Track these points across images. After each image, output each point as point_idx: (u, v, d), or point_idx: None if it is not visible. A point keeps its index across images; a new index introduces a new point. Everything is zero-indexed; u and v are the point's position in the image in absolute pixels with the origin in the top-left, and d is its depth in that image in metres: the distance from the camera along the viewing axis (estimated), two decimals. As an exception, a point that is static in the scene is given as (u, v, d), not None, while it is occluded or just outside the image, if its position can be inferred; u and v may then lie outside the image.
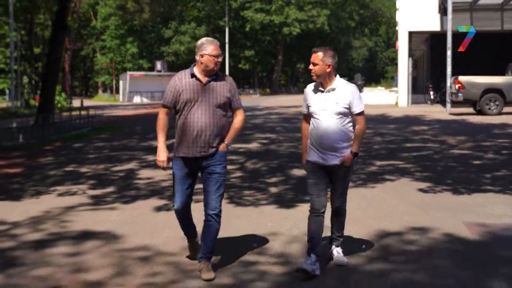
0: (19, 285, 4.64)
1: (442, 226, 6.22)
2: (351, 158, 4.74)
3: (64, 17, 20.91)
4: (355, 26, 76.76)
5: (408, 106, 31.00)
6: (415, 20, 30.79)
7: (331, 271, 4.87)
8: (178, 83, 4.73)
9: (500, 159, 11.33)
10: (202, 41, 4.77)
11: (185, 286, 4.54)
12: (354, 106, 4.74)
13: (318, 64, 4.69)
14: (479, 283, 4.54)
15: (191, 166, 4.76)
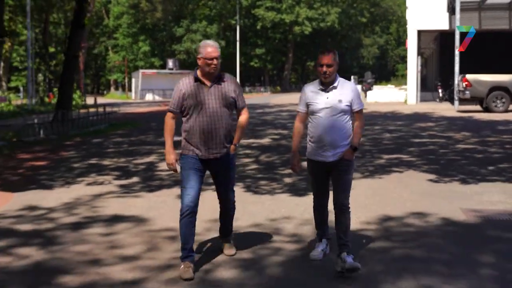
0: (63, 259, 5.27)
1: (440, 211, 6.80)
2: (351, 152, 4.85)
3: (81, 16, 21.61)
4: (366, 24, 77.05)
5: (417, 104, 31.52)
6: (424, 19, 31.28)
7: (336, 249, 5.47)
8: (183, 88, 4.76)
9: (502, 153, 11.87)
10: (201, 43, 4.84)
11: (210, 260, 5.15)
12: (356, 103, 4.85)
13: (332, 65, 4.76)
14: (469, 256, 5.13)
15: (201, 164, 4.81)
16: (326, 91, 4.82)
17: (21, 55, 62.14)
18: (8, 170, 11.20)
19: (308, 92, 4.92)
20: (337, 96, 4.79)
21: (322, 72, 4.76)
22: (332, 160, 4.82)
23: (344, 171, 4.86)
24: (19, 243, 5.76)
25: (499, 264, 4.92)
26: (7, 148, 14.78)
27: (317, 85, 4.89)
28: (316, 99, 4.84)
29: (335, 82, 4.83)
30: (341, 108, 4.78)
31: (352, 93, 4.85)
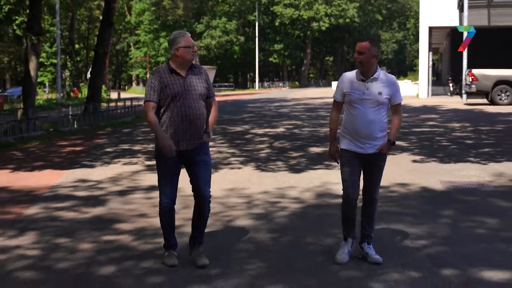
0: (117, 213, 6.77)
1: (421, 182, 8.20)
2: (388, 146, 4.77)
3: (110, 16, 23.22)
4: (383, 20, 77.76)
5: (428, 98, 32.59)
6: (436, 16, 32.28)
7: (328, 207, 6.89)
8: (159, 80, 4.67)
9: (489, 140, 13.17)
10: (175, 35, 4.76)
11: (230, 212, 6.61)
12: (396, 96, 4.74)
13: (364, 53, 4.62)
14: (434, 212, 6.53)
15: (177, 158, 4.72)
16: (366, 82, 4.68)
17: (46, 52, 64.17)
18: (51, 154, 12.80)
19: (346, 81, 4.76)
20: (377, 88, 4.66)
21: (356, 61, 4.69)
22: (371, 152, 4.72)
23: (380, 166, 4.82)
24: (79, 204, 7.28)
25: (455, 216, 6.32)
26: (46, 137, 16.44)
27: (357, 75, 4.74)
28: (354, 89, 4.70)
29: (376, 74, 4.69)
30: (381, 101, 4.66)
31: (392, 86, 4.73)
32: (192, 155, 4.74)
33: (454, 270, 4.57)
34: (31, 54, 18.68)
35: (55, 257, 5.06)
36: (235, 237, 5.62)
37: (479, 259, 4.83)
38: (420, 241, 5.40)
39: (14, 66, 65.79)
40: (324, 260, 4.89)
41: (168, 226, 4.86)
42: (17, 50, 56.49)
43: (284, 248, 5.25)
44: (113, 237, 5.67)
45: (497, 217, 6.22)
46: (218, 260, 4.83)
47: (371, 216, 4.91)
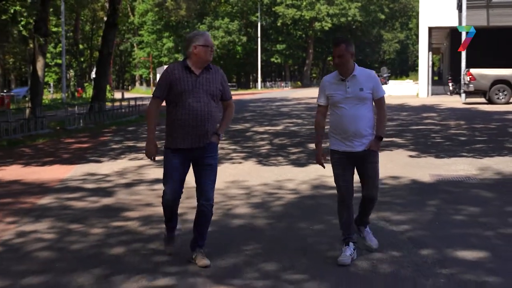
0: (124, 203, 7.24)
1: (411, 175, 8.65)
2: (377, 142, 4.78)
3: (114, 17, 23.72)
4: (386, 19, 77.99)
5: (428, 97, 32.92)
6: (436, 16, 32.62)
7: (323, 198, 7.34)
8: (170, 76, 4.65)
9: (482, 137, 13.60)
10: (194, 33, 4.79)
11: (228, 201, 7.07)
12: (377, 90, 4.78)
13: (343, 55, 4.67)
14: (420, 201, 6.98)
15: (184, 156, 4.70)
16: (346, 81, 4.73)
17: (50, 52, 64.74)
18: (60, 150, 13.29)
19: (327, 84, 4.83)
20: (358, 85, 4.71)
21: (336, 64, 4.72)
22: (360, 150, 4.74)
23: (372, 162, 4.81)
24: (88, 195, 7.76)
25: (440, 205, 6.77)
26: (54, 134, 16.95)
27: (336, 76, 4.81)
28: (336, 90, 4.75)
29: (354, 71, 4.74)
30: (363, 96, 4.71)
31: (373, 81, 4.77)
32: (199, 155, 4.68)
33: (431, 250, 5.02)
34: (38, 55, 19.20)
35: (69, 240, 5.53)
36: (234, 223, 6.08)
37: (456, 241, 5.28)
38: (404, 226, 5.86)
39: (19, 66, 66.42)
40: (315, 242, 5.34)
41: (169, 216, 4.90)
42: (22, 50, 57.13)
43: (278, 233, 5.72)
44: (121, 223, 6.14)
45: (478, 205, 6.67)
46: (218, 243, 5.29)
47: (369, 209, 5.02)
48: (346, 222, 4.86)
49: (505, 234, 5.54)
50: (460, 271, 4.50)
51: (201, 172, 4.74)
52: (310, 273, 4.49)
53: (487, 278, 4.33)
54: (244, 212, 6.60)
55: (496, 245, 5.19)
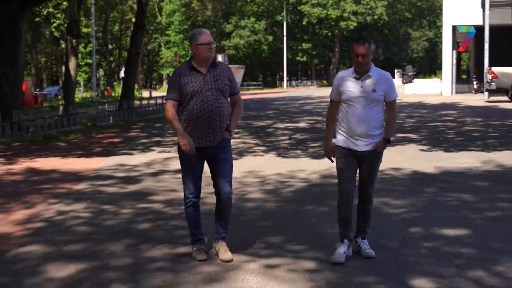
0: (150, 188, 8.02)
1: (416, 167, 9.25)
2: (384, 144, 4.75)
3: (142, 18, 24.66)
4: (413, 18, 77.54)
5: (452, 95, 32.91)
6: (460, 14, 32.49)
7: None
8: (179, 78, 4.71)
9: (494, 133, 14.07)
10: (193, 32, 4.80)
11: (245, 190, 7.79)
12: (390, 93, 4.75)
13: (368, 54, 4.64)
14: (418, 189, 7.60)
15: (199, 155, 4.74)
16: (360, 80, 4.71)
17: (80, 52, 66.38)
18: (92, 144, 14.19)
19: (341, 80, 4.80)
20: (371, 86, 4.68)
21: (358, 63, 4.66)
22: (365, 149, 4.74)
23: (374, 164, 4.82)
24: (119, 182, 8.57)
25: (437, 192, 7.38)
26: (85, 130, 17.92)
27: (351, 73, 4.77)
28: (349, 87, 4.72)
29: (370, 71, 4.71)
30: (375, 98, 4.68)
31: (387, 83, 4.76)
32: (213, 153, 4.74)
33: (420, 228, 5.66)
34: (70, 55, 20.21)
35: (102, 218, 6.33)
36: (247, 206, 6.81)
37: (443, 221, 5.90)
38: (400, 209, 6.50)
39: (51, 66, 68.26)
40: (318, 221, 6.03)
41: (193, 221, 4.87)
42: (54, 50, 58.82)
43: (286, 213, 6.42)
44: (148, 205, 6.92)
45: (472, 193, 7.26)
46: (232, 221, 6.01)
47: (367, 213, 4.92)
48: (344, 218, 4.84)
49: (490, 216, 6.14)
50: (441, 244, 5.14)
51: (217, 167, 4.78)
52: (309, 244, 5.18)
53: (463, 250, 4.97)
54: (257, 197, 7.32)
55: (479, 225, 5.81)
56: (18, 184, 8.63)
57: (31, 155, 12.05)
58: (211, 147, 4.73)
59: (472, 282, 4.20)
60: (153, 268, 4.62)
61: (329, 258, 4.76)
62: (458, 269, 4.49)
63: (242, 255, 4.91)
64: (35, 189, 8.16)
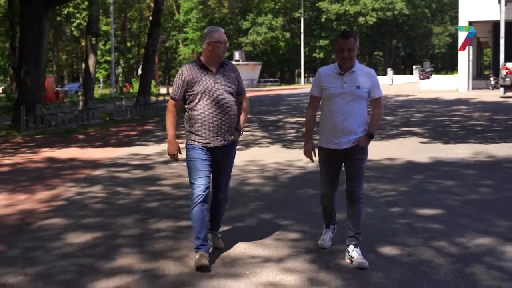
0: (161, 174, 8.72)
1: (412, 158, 9.82)
2: (366, 139, 4.60)
3: (159, 17, 25.44)
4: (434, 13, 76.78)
5: (468, 91, 32.77)
6: (476, 10, 32.32)
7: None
8: (187, 75, 4.60)
9: (497, 127, 14.53)
10: (209, 29, 4.71)
11: (245, 176, 8.44)
12: (375, 91, 4.60)
13: (354, 49, 4.50)
14: (408, 176, 8.18)
15: (209, 154, 4.63)
16: (344, 76, 4.54)
17: (100, 49, 67.62)
18: (109, 137, 14.98)
19: (324, 76, 4.63)
20: (355, 82, 4.53)
21: (343, 58, 4.50)
22: (346, 147, 4.57)
23: (358, 160, 4.61)
24: (132, 169, 9.30)
25: (424, 179, 7.96)
26: (103, 124, 18.75)
27: (335, 69, 4.60)
28: (332, 83, 4.56)
29: (354, 67, 4.55)
30: (359, 95, 4.53)
31: (371, 80, 4.59)
32: (221, 153, 4.66)
33: (399, 208, 6.27)
34: (90, 53, 21.07)
35: (115, 198, 7.05)
36: (246, 189, 7.48)
37: (422, 203, 6.48)
38: (385, 192, 7.11)
39: (71, 63, 69.61)
40: (307, 202, 6.66)
41: (200, 222, 4.56)
42: (74, 48, 60.07)
43: (280, 195, 7.08)
44: (157, 188, 7.62)
45: (456, 180, 7.82)
46: (230, 201, 6.67)
47: (357, 216, 4.61)
48: (327, 209, 4.91)
49: (467, 199, 6.72)
50: (414, 221, 5.74)
51: (220, 168, 4.73)
52: (296, 220, 5.83)
53: (432, 225, 5.57)
54: (255, 182, 7.98)
55: (454, 206, 6.39)
56: (42, 170, 9.44)
57: (53, 146, 12.88)
58: (221, 148, 4.64)
59: (433, 250, 4.81)
60: (157, 237, 5.31)
61: (312, 230, 5.40)
62: (424, 240, 5.10)
63: (236, 227, 5.58)
64: (56, 174, 8.96)
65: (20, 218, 6.18)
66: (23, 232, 5.65)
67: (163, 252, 4.88)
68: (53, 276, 4.37)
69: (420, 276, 4.24)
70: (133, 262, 4.66)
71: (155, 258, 4.73)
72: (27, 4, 17.57)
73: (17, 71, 18.81)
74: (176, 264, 4.59)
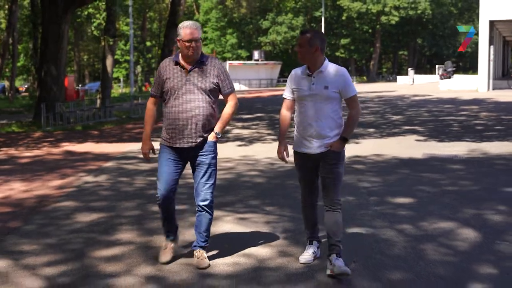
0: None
1: (406, 154, 10.34)
2: (340, 143, 4.36)
3: (175, 17, 26.17)
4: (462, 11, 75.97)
5: (488, 91, 32.49)
6: (499, 9, 32.10)
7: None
8: (162, 72, 4.49)
9: (499, 127, 14.90)
10: (179, 26, 4.49)
11: (239, 169, 9.08)
12: (346, 90, 4.38)
13: (304, 46, 4.36)
14: (398, 169, 8.73)
15: (178, 154, 4.51)
16: (312, 77, 4.40)
17: (120, 49, 68.82)
18: (123, 133, 15.78)
19: (294, 77, 4.51)
20: (323, 82, 4.35)
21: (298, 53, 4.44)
22: (318, 152, 4.38)
23: (332, 165, 4.37)
24: (140, 161, 9.98)
25: (410, 173, 8.49)
26: (119, 121, 19.56)
27: (304, 70, 4.47)
28: (301, 85, 4.44)
29: (322, 67, 4.37)
30: (328, 95, 4.34)
31: (341, 79, 4.37)
32: (193, 155, 4.48)
33: (378, 197, 6.84)
34: (107, 53, 21.91)
35: (120, 186, 7.78)
36: (239, 179, 8.13)
37: (399, 193, 7.03)
38: (370, 184, 7.68)
39: (92, 63, 70.95)
40: (294, 191, 7.18)
41: (166, 217, 4.68)
42: (95, 48, 61.32)
43: (270, 185, 7.71)
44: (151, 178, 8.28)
45: (441, 173, 8.35)
46: (222, 189, 7.32)
47: (336, 224, 4.40)
48: (309, 221, 4.68)
49: (444, 190, 7.24)
50: (386, 208, 6.31)
51: (196, 172, 4.52)
52: (280, 205, 6.45)
53: (401, 212, 6.13)
54: (249, 174, 8.64)
55: (430, 195, 6.93)
56: (58, 162, 10.24)
57: (70, 141, 13.69)
58: (190, 149, 4.45)
59: (394, 231, 5.39)
60: (154, 218, 5.98)
61: (292, 213, 6.01)
62: (390, 223, 5.68)
63: (224, 211, 6.23)
64: (70, 165, 9.74)
65: (36, 201, 6.93)
66: (38, 212, 6.39)
67: (158, 229, 5.52)
68: (62, 246, 5.09)
69: (376, 250, 4.83)
70: (131, 236, 5.35)
71: (149, 234, 5.41)
72: (48, 7, 18.46)
73: (39, 71, 19.74)
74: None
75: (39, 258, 4.76)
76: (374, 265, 4.49)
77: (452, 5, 71.45)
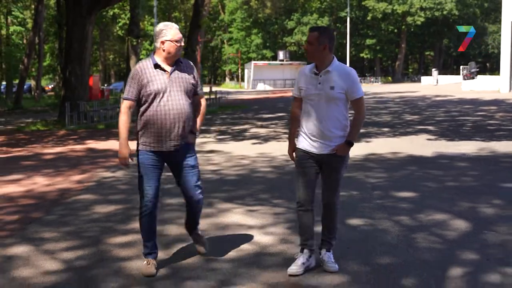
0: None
1: (416, 152, 10.61)
2: (345, 147, 4.33)
3: (198, 19, 26.71)
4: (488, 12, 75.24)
5: (510, 92, 32.49)
6: None
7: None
8: (141, 75, 4.38)
9: (510, 127, 15.01)
10: (161, 26, 4.47)
11: (254, 166, 9.44)
12: (352, 91, 4.31)
13: (313, 44, 4.29)
14: (403, 167, 9.00)
15: (159, 158, 4.49)
16: (319, 76, 4.34)
17: (146, 49, 69.78)
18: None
19: (302, 76, 4.46)
20: (329, 82, 4.29)
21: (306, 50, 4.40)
22: (323, 153, 4.34)
23: (334, 169, 4.38)
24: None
25: (416, 169, 8.76)
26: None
27: (312, 68, 4.40)
28: (308, 84, 4.39)
29: (330, 67, 4.31)
30: (333, 96, 4.28)
31: (348, 79, 4.31)
32: (176, 157, 4.49)
33: (381, 192, 7.15)
34: (131, 53, 22.48)
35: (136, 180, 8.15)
36: (253, 175, 8.50)
37: (403, 188, 7.33)
38: (376, 179, 7.98)
39: (118, 62, 72.06)
40: (304, 186, 7.62)
41: (148, 230, 4.56)
42: (120, 48, 62.31)
43: (282, 180, 8.07)
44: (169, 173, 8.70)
45: (445, 170, 8.62)
46: (236, 185, 7.70)
47: (331, 221, 4.47)
48: (303, 226, 4.49)
49: (446, 185, 7.52)
50: (388, 201, 6.63)
51: (182, 175, 4.55)
52: (288, 199, 6.79)
53: (401, 205, 6.44)
54: (263, 170, 9.00)
55: (431, 190, 7.22)
56: (80, 158, 10.76)
57: (92, 138, 14.24)
58: (174, 152, 4.45)
59: (392, 222, 5.70)
60: (167, 209, 6.39)
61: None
62: (388, 215, 6.00)
63: (234, 203, 6.61)
64: (91, 162, 10.25)
65: (57, 194, 7.41)
66: (59, 204, 6.86)
67: (170, 219, 5.96)
68: (80, 233, 5.54)
69: (370, 238, 5.16)
70: (144, 226, 5.76)
71: (162, 224, 5.79)
72: (72, 8, 19.07)
73: (63, 70, 20.36)
74: (178, 227, 5.64)
75: (58, 244, 5.20)
76: (366, 251, 4.82)
77: (478, 6, 70.71)
